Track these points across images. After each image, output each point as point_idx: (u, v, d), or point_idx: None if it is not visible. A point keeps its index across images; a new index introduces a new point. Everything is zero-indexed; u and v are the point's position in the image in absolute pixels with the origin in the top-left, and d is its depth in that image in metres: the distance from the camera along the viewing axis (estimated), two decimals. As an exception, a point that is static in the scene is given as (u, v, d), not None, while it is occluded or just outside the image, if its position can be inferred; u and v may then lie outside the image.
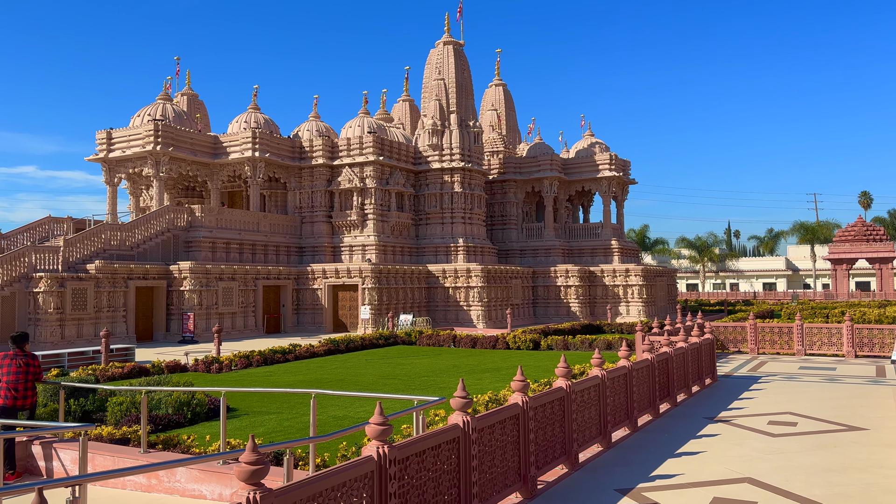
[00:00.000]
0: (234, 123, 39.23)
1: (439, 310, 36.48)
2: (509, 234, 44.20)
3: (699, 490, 7.08)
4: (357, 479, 4.51)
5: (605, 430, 8.96)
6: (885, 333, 19.23)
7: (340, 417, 11.86)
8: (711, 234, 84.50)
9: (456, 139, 39.00)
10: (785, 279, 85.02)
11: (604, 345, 23.49)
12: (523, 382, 6.88)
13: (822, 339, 19.73)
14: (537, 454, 7.05)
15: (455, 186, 38.88)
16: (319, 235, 37.49)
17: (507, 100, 49.89)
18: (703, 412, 11.46)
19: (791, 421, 10.58)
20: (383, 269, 33.92)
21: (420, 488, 5.14)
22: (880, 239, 65.90)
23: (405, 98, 47.07)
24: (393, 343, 26.19)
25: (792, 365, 17.71)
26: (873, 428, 10.05)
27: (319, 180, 37.75)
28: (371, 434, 4.76)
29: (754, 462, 8.16)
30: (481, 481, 5.95)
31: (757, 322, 20.81)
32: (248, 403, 13.38)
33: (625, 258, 43.35)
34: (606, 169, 43.68)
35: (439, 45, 40.04)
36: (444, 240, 38.71)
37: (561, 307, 40.64)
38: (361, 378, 17.01)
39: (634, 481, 7.41)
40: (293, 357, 21.07)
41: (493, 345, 24.56)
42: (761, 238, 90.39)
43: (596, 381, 8.82)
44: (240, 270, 31.95)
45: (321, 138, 37.80)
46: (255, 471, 3.83)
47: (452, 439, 5.57)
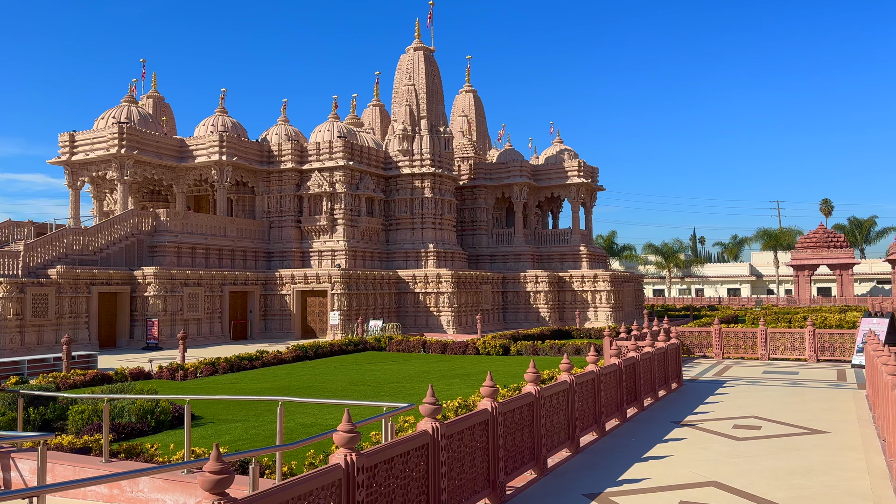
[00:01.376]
0: (200, 126, 38.73)
1: (409, 315, 36.40)
2: (480, 239, 44.33)
3: (666, 494, 7.15)
4: (324, 488, 4.46)
5: (574, 435, 9.01)
6: (845, 338, 19.69)
7: (308, 425, 11.73)
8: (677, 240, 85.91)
9: (426, 145, 39.03)
10: (749, 285, 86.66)
11: (573, 350, 23.66)
12: (492, 388, 6.88)
13: (785, 344, 20.13)
14: (506, 460, 7.05)
15: (425, 192, 38.89)
16: (288, 240, 37.15)
17: (477, 106, 50.10)
18: (670, 416, 11.60)
19: (755, 425, 10.76)
20: (353, 275, 33.74)
21: (388, 496, 5.10)
22: (840, 246, 67.59)
23: (375, 103, 46.98)
24: (362, 349, 26.04)
25: (756, 369, 18.03)
26: (834, 431, 10.27)
27: (288, 185, 37.44)
28: (339, 442, 4.70)
29: (720, 466, 8.27)
30: (450, 488, 5.93)
31: (722, 327, 21.15)
32: (213, 411, 13.17)
33: (593, 264, 43.78)
34: (575, 175, 44.11)
35: (410, 50, 40.07)
36: (414, 245, 38.67)
37: (531, 312, 40.85)
38: (330, 385, 16.87)
39: (602, 486, 7.46)
40: (260, 364, 20.82)
41: (464, 350, 24.58)
42: (726, 244, 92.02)
43: (564, 387, 8.86)
44: (206, 276, 31.48)
45: (290, 142, 37.50)
46: (218, 480, 3.76)
47: (421, 446, 5.54)
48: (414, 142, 39.30)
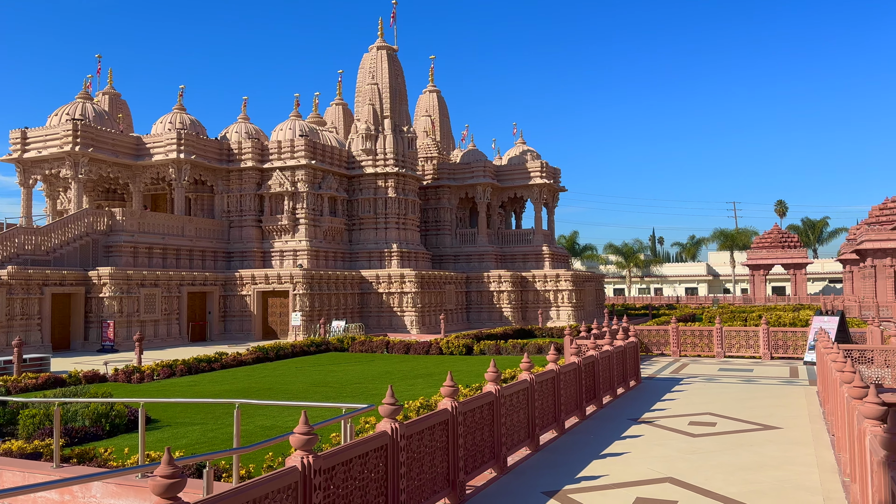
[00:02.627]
0: (158, 124, 37.98)
1: (373, 316, 36.25)
2: (443, 239, 44.38)
3: (623, 490, 7.26)
4: (280, 491, 4.41)
5: (534, 433, 9.08)
6: (798, 336, 20.24)
7: (268, 427, 11.60)
8: (637, 240, 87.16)
9: (390, 144, 38.91)
10: (706, 284, 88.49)
11: (534, 349, 23.85)
12: (453, 388, 6.89)
13: (740, 342, 20.61)
14: (466, 459, 7.07)
15: (389, 192, 38.77)
16: (248, 240, 36.66)
17: (441, 106, 50.15)
18: (628, 413, 11.77)
19: (711, 421, 10.99)
20: (315, 275, 33.45)
21: (347, 497, 5.07)
22: (794, 246, 69.47)
23: (338, 102, 46.68)
24: (325, 350, 25.84)
25: (712, 367, 18.42)
26: (786, 427, 10.54)
27: (248, 184, 36.94)
28: (295, 444, 4.66)
29: (676, 462, 8.43)
30: (409, 488, 5.92)
31: (679, 326, 21.55)
32: (170, 414, 12.94)
33: (555, 264, 44.21)
34: (538, 176, 44.48)
35: (373, 49, 39.91)
36: (377, 245, 38.52)
37: (494, 312, 41.05)
38: (291, 386, 16.70)
39: (561, 483, 7.53)
40: (219, 366, 20.50)
41: (427, 350, 24.58)
42: (684, 244, 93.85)
43: (525, 385, 8.92)
44: (163, 276, 30.88)
45: (250, 140, 37.01)
46: (170, 484, 3.69)
47: (380, 447, 5.53)
48: (377, 141, 39.15)
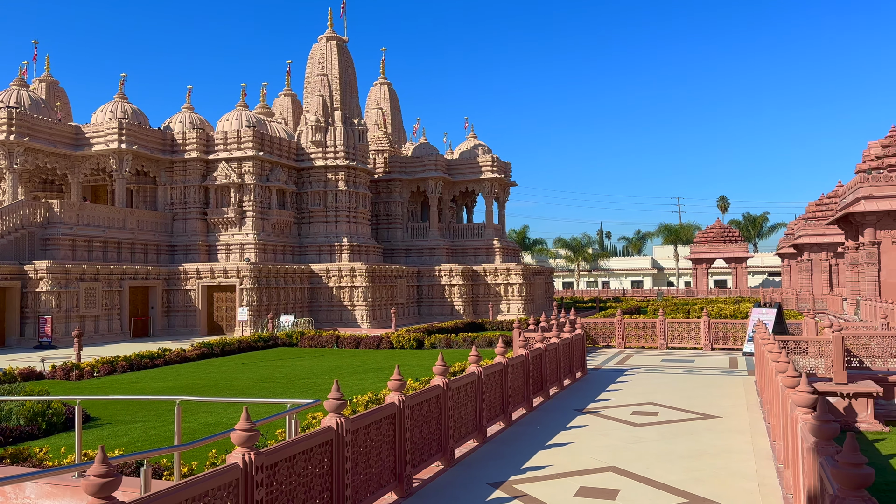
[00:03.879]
0: (98, 113, 36.70)
1: (323, 310, 35.91)
2: (395, 233, 44.23)
3: (567, 480, 7.38)
4: (221, 488, 4.33)
5: (481, 426, 9.15)
6: (737, 328, 20.91)
7: (213, 424, 11.40)
8: (586, 234, 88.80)
9: (340, 136, 38.51)
10: (651, 277, 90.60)
11: (485, 342, 24.02)
12: (400, 382, 6.88)
13: (682, 334, 21.17)
14: (413, 452, 7.08)
15: (339, 184, 38.39)
16: (193, 233, 35.80)
17: (392, 99, 49.89)
18: (573, 404, 11.98)
19: (653, 411, 11.26)
20: (263, 269, 32.93)
21: (290, 493, 5.01)
22: (735, 240, 71.67)
23: (287, 92, 45.91)
24: (273, 345, 25.49)
25: (655, 358, 18.88)
26: (725, 416, 10.89)
27: (193, 175, 36.05)
28: (236, 440, 4.58)
29: (619, 451, 8.61)
30: (355, 483, 5.90)
31: (624, 318, 22.01)
32: (111, 412, 12.58)
33: (506, 258, 44.57)
34: (489, 171, 44.70)
35: (322, 40, 39.39)
36: (328, 239, 38.13)
37: (445, 306, 41.16)
38: (237, 382, 16.43)
39: (507, 474, 7.62)
40: (162, 362, 20.01)
41: (377, 345, 24.49)
42: (630, 239, 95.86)
43: (473, 378, 8.98)
44: (104, 270, 29.93)
45: (195, 131, 36.11)
46: (104, 483, 3.59)
47: (325, 442, 5.48)
48: (327, 133, 38.70)
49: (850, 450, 3.62)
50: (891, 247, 29.32)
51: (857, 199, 29.80)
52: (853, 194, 30.83)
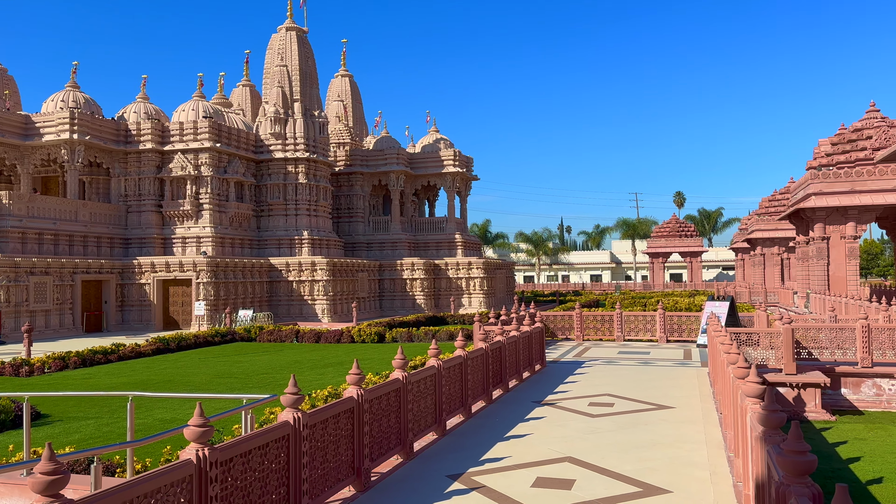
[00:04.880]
0: (49, 102, 35.56)
1: (282, 305, 35.52)
2: (356, 227, 43.96)
3: (524, 471, 7.47)
4: (174, 484, 4.27)
5: (441, 419, 9.18)
6: (692, 320, 21.39)
7: (168, 420, 11.21)
8: (546, 229, 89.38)
9: (300, 128, 38.06)
10: (610, 271, 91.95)
11: (446, 336, 24.08)
12: (359, 376, 6.86)
13: (639, 326, 21.56)
14: (372, 446, 7.07)
15: (299, 177, 37.95)
16: (148, 226, 35.02)
17: (353, 91, 49.50)
18: (532, 396, 12.11)
19: (609, 402, 11.46)
20: (220, 263, 32.40)
21: (245, 489, 4.97)
22: (691, 235, 73.17)
23: (245, 83, 45.13)
24: (230, 340, 25.15)
25: (612, 350, 19.19)
26: (679, 406, 11.13)
27: (148, 167, 35.22)
28: (190, 436, 4.52)
29: (575, 442, 8.74)
30: (312, 478, 5.87)
31: (583, 311, 22.31)
32: (63, 409, 12.28)
33: (468, 252, 44.71)
34: (451, 165, 44.72)
35: (282, 30, 38.82)
36: (287, 232, 37.69)
37: (407, 300, 41.11)
38: (194, 378, 16.16)
39: (465, 466, 7.67)
40: (116, 358, 19.57)
41: (338, 339, 24.36)
42: (589, 233, 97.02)
43: (432, 372, 9.00)
44: (55, 264, 29.08)
45: (150, 121, 35.27)
46: (51, 481, 3.50)
47: (282, 437, 5.44)
48: (287, 125, 38.20)
49: (795, 438, 3.74)
50: (839, 242, 30.32)
51: (808, 195, 30.71)
52: (804, 190, 31.76)
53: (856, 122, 32.37)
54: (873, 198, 29.16)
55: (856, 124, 32.32)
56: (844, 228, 30.11)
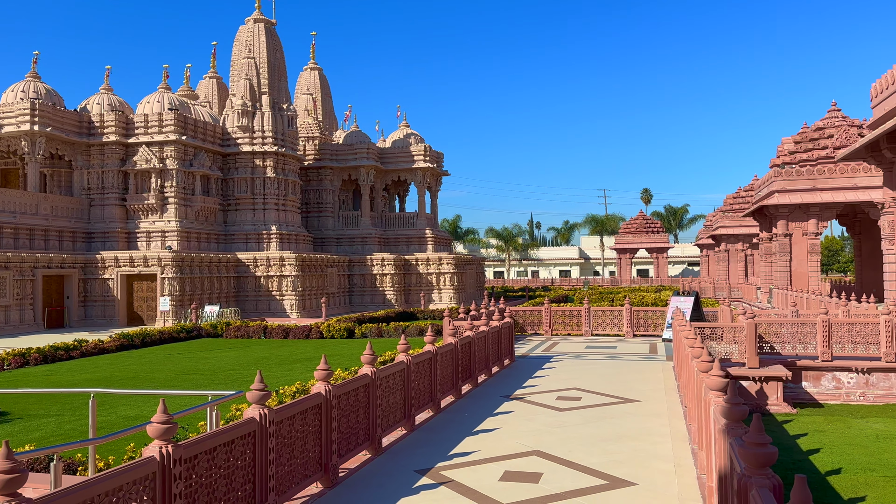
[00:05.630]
0: (9, 93, 34.59)
1: (250, 300, 35.13)
2: (325, 221, 43.64)
3: (492, 465, 7.51)
4: (136, 482, 4.20)
5: (410, 414, 9.18)
6: (657, 315, 21.69)
7: (132, 417, 11.04)
8: (516, 224, 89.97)
9: (268, 121, 37.62)
10: (578, 267, 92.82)
11: (416, 331, 24.07)
12: (327, 371, 6.82)
13: (606, 321, 21.81)
14: (340, 442, 7.04)
15: (267, 171, 37.52)
16: (111, 220, 34.31)
17: (322, 84, 49.07)
18: (501, 391, 12.17)
19: (577, 396, 11.57)
20: (186, 258, 31.91)
21: (210, 486, 4.91)
22: (657, 231, 74.17)
23: (212, 75, 44.41)
24: (197, 336, 24.81)
25: (580, 345, 19.38)
26: (644, 399, 11.29)
27: (112, 159, 34.50)
28: (153, 433, 4.45)
29: (543, 435, 8.81)
30: (279, 474, 5.82)
31: (552, 306, 22.48)
32: (23, 406, 11.98)
33: (438, 247, 44.71)
34: (421, 160, 44.64)
35: (249, 21, 38.30)
36: (255, 227, 37.26)
37: (377, 295, 40.98)
38: (159, 374, 15.92)
39: (434, 461, 7.68)
40: (79, 354, 19.17)
41: (307, 335, 24.18)
42: (559, 229, 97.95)
43: (401, 367, 8.99)
44: (15, 258, 28.34)
45: (114, 113, 34.53)
46: (8, 480, 3.42)
47: (248, 433, 5.38)
48: (255, 118, 37.72)
49: (756, 431, 3.81)
50: (801, 238, 31.01)
51: (771, 192, 31.34)
52: (767, 188, 32.41)
53: (818, 122, 33.10)
54: (834, 195, 29.86)
55: (818, 123, 33.05)
56: (806, 225, 30.80)
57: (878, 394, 14.38)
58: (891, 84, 16.98)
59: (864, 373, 14.47)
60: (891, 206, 17.71)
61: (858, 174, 29.27)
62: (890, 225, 17.81)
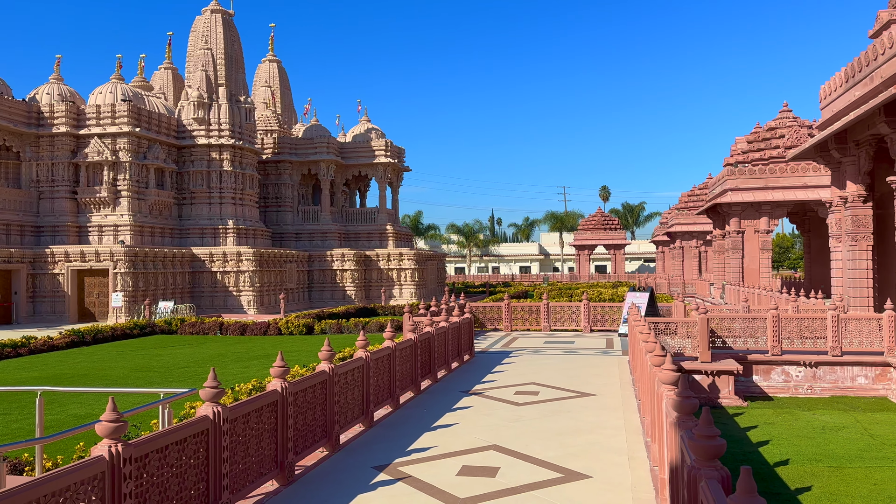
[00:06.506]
0: (-50, 79, 33.27)
1: (206, 296, 34.52)
2: (284, 216, 43.12)
3: (450, 460, 7.53)
4: (85, 482, 4.09)
5: (368, 410, 9.15)
6: (614, 310, 22.03)
7: (83, 416, 10.76)
8: (477, 221, 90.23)
9: (225, 114, 36.96)
10: (538, 263, 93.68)
11: (376, 327, 23.99)
12: (283, 368, 6.75)
13: (564, 316, 22.06)
14: (296, 440, 6.97)
15: (224, 164, 36.89)
16: (62, 213, 33.33)
17: (282, 77, 48.42)
18: (460, 386, 12.22)
19: (534, 391, 11.68)
20: (139, 252, 31.18)
21: (162, 485, 4.81)
22: (615, 228, 75.25)
23: (168, 66, 43.42)
24: (150, 333, 24.30)
25: (539, 340, 19.57)
26: (600, 393, 11.46)
27: (62, 151, 33.48)
28: (102, 432, 4.34)
29: (500, 430, 8.88)
30: (233, 472, 5.74)
31: (511, 302, 22.65)
32: (-35, 406, 11.56)
33: (399, 243, 44.59)
34: (382, 155, 44.43)
35: (206, 12, 37.56)
36: (211, 221, 36.60)
37: (337, 291, 40.68)
38: (111, 372, 15.54)
39: (392, 457, 7.67)
40: (27, 351, 18.60)
41: (265, 331, 23.89)
42: (519, 225, 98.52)
43: (360, 363, 8.95)
44: (-42, 252, 27.33)
45: (64, 104, 33.51)
46: (-54, 485, 3.29)
47: (200, 431, 5.29)
48: (211, 110, 37.03)
49: (705, 424, 3.90)
50: (753, 235, 31.84)
51: (724, 190, 32.09)
52: (721, 186, 33.17)
53: (770, 122, 33.97)
54: (785, 194, 30.72)
55: (770, 123, 33.93)
56: (758, 223, 31.64)
57: (824, 387, 14.87)
58: (839, 87, 17.54)
59: (812, 366, 14.94)
60: (838, 205, 18.30)
61: (808, 173, 30.17)
62: (837, 223, 18.40)
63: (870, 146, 16.63)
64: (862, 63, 15.90)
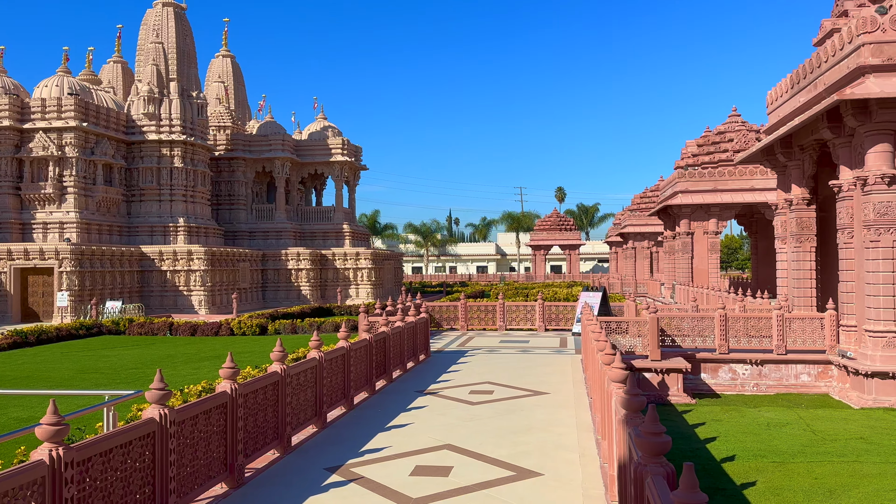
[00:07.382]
0: None
1: (155, 296, 33.72)
2: (238, 214, 42.40)
3: (403, 460, 7.52)
4: (24, 487, 3.96)
5: (321, 411, 9.06)
6: (568, 310, 22.32)
7: (25, 419, 10.42)
8: (435, 220, 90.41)
9: (176, 109, 36.17)
10: (495, 262, 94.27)
11: (332, 327, 23.81)
12: (233, 369, 6.64)
13: (520, 316, 22.25)
14: (246, 441, 6.87)
15: (175, 161, 36.09)
16: (4, 210, 32.14)
17: (235, 73, 47.62)
18: (415, 386, 12.21)
19: (489, 390, 11.75)
20: (86, 251, 30.27)
21: (106, 490, 4.69)
22: (570, 229, 76.23)
23: (117, 59, 42.28)
24: (97, 333, 23.64)
25: (495, 339, 19.69)
26: (553, 392, 11.59)
27: (5, 145, 32.30)
28: (42, 435, 4.21)
29: (454, 429, 8.91)
30: (181, 476, 5.63)
31: (468, 301, 22.74)
32: None
33: (356, 242, 44.31)
34: (339, 154, 44.09)
35: (157, 5, 36.70)
36: (161, 219, 35.78)
37: (292, 291, 40.20)
38: (55, 373, 15.06)
39: (344, 458, 7.62)
40: (-35, 353, 17.88)
41: (216, 331, 23.49)
42: (477, 225, 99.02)
43: (313, 364, 8.86)
44: None
45: (8, 96, 32.34)
46: None
47: (147, 434, 5.17)
48: (162, 105, 36.18)
49: (651, 421, 3.98)
50: (702, 237, 32.63)
51: (675, 192, 32.81)
52: (672, 188, 33.91)
53: (720, 126, 34.88)
54: (733, 196, 31.59)
55: (719, 127, 34.83)
56: (707, 224, 32.43)
57: (769, 384, 15.35)
58: (785, 92, 18.11)
59: (758, 364, 15.41)
60: (783, 208, 18.90)
61: (756, 177, 31.07)
62: (782, 225, 19.00)
63: (814, 151, 17.22)
64: (806, 70, 16.46)
